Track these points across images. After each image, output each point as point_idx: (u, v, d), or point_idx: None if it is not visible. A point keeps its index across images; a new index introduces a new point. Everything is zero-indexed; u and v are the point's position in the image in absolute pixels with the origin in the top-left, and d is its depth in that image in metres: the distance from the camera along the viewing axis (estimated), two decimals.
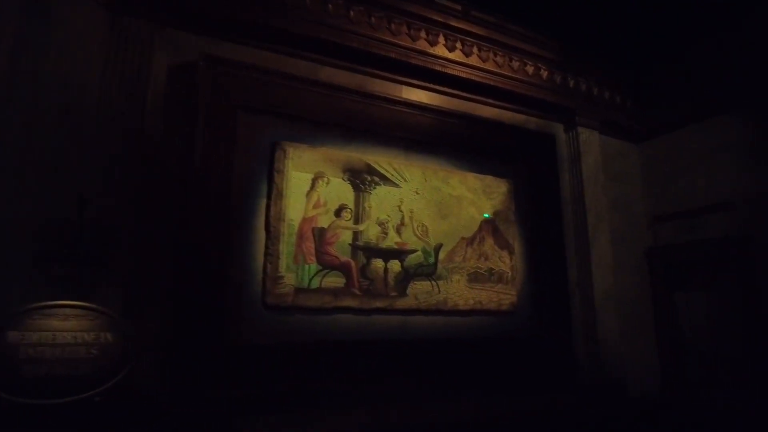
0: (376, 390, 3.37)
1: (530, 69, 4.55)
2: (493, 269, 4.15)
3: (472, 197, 4.18)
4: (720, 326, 4.63)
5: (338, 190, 3.63)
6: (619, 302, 4.74)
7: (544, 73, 4.64)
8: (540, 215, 4.50)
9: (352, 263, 3.57)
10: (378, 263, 3.66)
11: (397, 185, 3.86)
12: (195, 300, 2.97)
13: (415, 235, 3.87)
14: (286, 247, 3.37)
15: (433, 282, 3.85)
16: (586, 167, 4.81)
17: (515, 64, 4.46)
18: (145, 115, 3.06)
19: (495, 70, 4.33)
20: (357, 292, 3.53)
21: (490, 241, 4.19)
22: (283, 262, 3.34)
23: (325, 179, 3.59)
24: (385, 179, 3.82)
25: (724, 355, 4.56)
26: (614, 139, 5.35)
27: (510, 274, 4.22)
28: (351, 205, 3.65)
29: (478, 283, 4.06)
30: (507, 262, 4.23)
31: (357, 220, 3.66)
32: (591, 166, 4.84)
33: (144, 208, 2.98)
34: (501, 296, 4.13)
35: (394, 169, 3.87)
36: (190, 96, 3.22)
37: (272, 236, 3.34)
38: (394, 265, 3.73)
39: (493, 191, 4.30)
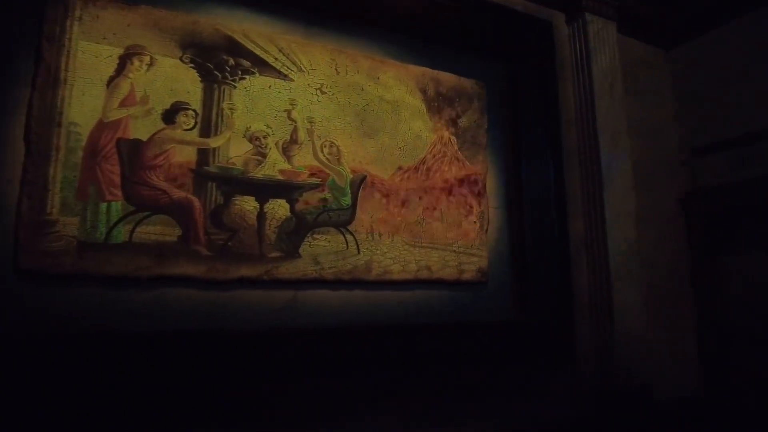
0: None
1: None
2: (451, 217, 2.66)
3: (418, 104, 2.65)
4: None
5: (172, 79, 2.11)
6: (644, 268, 3.26)
7: None
8: (528, 138, 2.97)
9: (195, 202, 2.08)
10: (246, 204, 2.18)
11: (286, 77, 2.34)
12: None
13: (318, 159, 2.36)
14: (62, 172, 1.88)
15: (347, 236, 2.37)
16: (598, 71, 3.24)
17: None
18: None
19: None
20: (203, 250, 2.06)
21: (444, 174, 2.67)
22: (57, 197, 1.87)
23: (146, 59, 2.07)
24: (264, 65, 2.30)
25: None
26: (636, 40, 3.77)
27: (478, 225, 2.73)
28: (196, 104, 2.15)
29: (426, 240, 2.57)
30: (474, 206, 2.73)
31: (207, 130, 2.16)
32: (605, 70, 3.27)
33: None
34: (463, 259, 2.65)
35: (281, 50, 2.34)
36: None
37: (35, 152, 1.85)
38: (278, 208, 2.24)
39: (455, 98, 2.76)
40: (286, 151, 2.29)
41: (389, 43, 2.61)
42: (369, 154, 2.48)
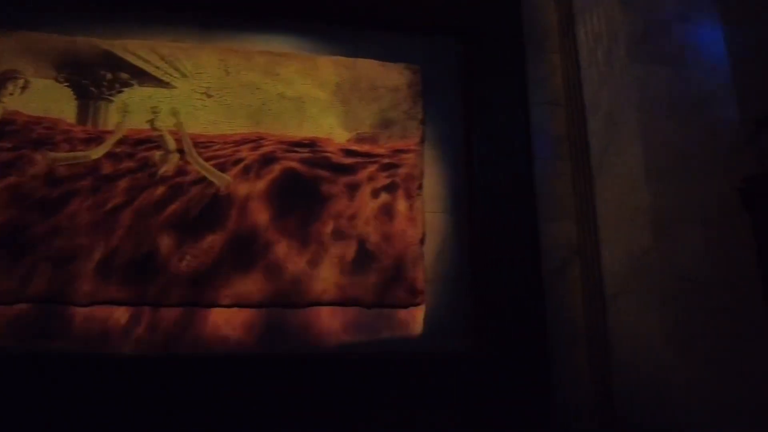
0: None
1: None
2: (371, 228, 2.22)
3: (329, 98, 2.31)
4: None
5: (46, 99, 2.10)
6: (680, 282, 2.41)
7: None
8: (487, 127, 2.41)
9: None
10: None
11: (167, 85, 2.20)
12: None
13: (199, 165, 2.15)
14: None
15: None
16: (586, 37, 2.58)
17: None
18: None
19: None
20: None
21: None
22: None
23: (20, 82, 2.09)
24: (143, 75, 2.19)
25: None
26: None
27: (409, 234, 2.24)
28: (72, 121, 2.10)
29: (347, 255, 2.17)
30: (401, 211, 2.25)
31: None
32: (597, 33, 2.59)
33: None
34: (391, 274, 2.18)
35: (163, 58, 2.21)
36: None
37: None
38: None
39: (378, 87, 2.36)
40: (163, 160, 2.12)
41: (292, 33, 2.34)
42: None
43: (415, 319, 2.14)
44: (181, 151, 2.12)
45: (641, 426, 2.11)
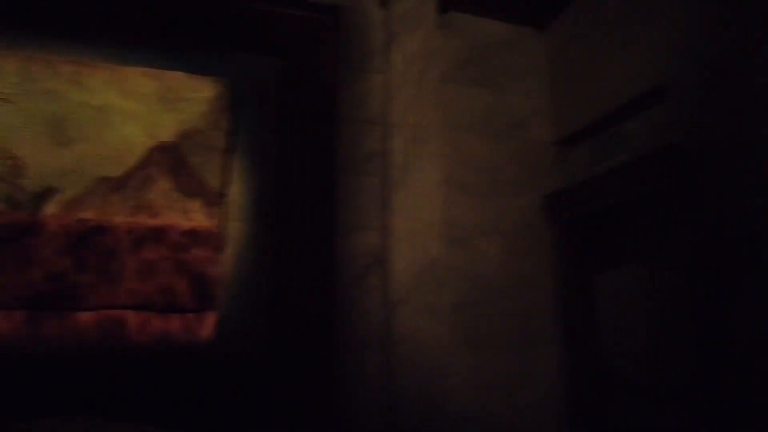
0: None
1: None
2: (167, 231, 2.30)
3: (134, 108, 2.38)
4: (665, 328, 2.29)
5: None
6: (482, 291, 2.62)
7: None
8: (294, 141, 2.55)
9: None
10: None
11: None
12: None
13: None
14: None
15: None
16: (402, 59, 2.76)
17: None
18: None
19: None
20: None
21: (164, 185, 2.34)
22: None
23: None
24: None
25: (668, 386, 2.22)
26: (495, 20, 3.19)
27: (211, 243, 2.34)
28: None
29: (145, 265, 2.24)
30: (200, 219, 2.35)
31: None
32: (412, 55, 2.77)
33: None
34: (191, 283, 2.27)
35: None
36: None
37: None
38: None
39: (182, 98, 2.46)
40: None
41: (100, 43, 2.40)
42: (62, 165, 2.24)
43: (205, 324, 2.23)
44: None
45: (417, 428, 2.26)
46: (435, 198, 2.57)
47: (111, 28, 2.39)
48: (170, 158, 2.37)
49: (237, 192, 2.45)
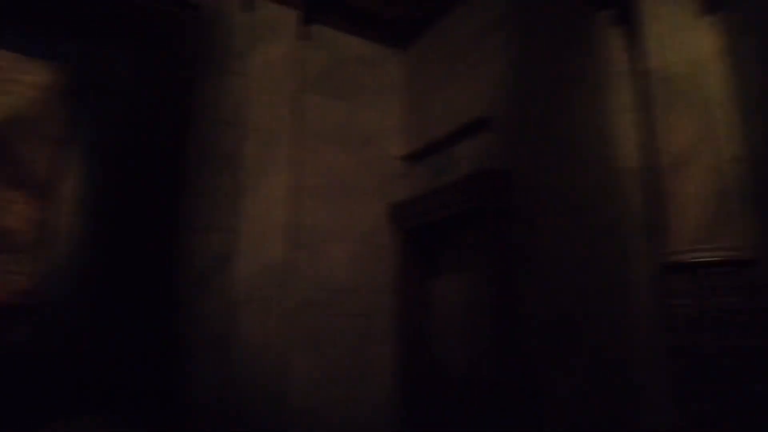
0: None
1: None
2: None
3: None
4: (473, 333, 2.67)
5: None
6: (329, 293, 2.79)
7: None
8: (144, 137, 2.50)
9: None
10: None
11: None
12: None
13: None
14: None
15: None
16: (262, 65, 2.84)
17: None
18: None
19: None
20: None
21: None
22: None
23: None
24: None
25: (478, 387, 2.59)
26: (359, 38, 3.40)
27: (27, 234, 2.21)
28: None
29: None
30: (20, 212, 2.22)
31: None
32: (272, 63, 2.87)
33: None
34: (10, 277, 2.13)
35: None
36: None
37: None
38: None
39: (10, 80, 2.29)
40: None
41: None
42: None
43: (21, 318, 2.11)
44: None
45: (257, 423, 2.35)
46: (285, 202, 2.69)
47: None
48: None
49: (75, 186, 2.34)
